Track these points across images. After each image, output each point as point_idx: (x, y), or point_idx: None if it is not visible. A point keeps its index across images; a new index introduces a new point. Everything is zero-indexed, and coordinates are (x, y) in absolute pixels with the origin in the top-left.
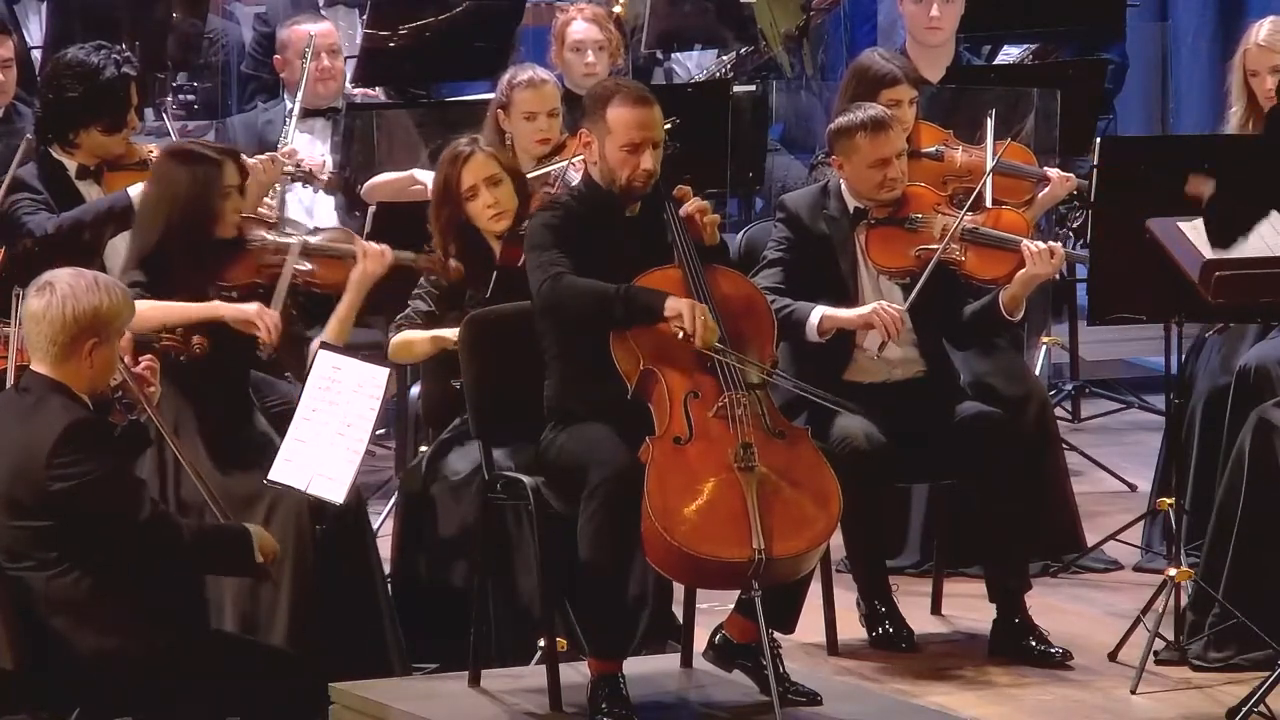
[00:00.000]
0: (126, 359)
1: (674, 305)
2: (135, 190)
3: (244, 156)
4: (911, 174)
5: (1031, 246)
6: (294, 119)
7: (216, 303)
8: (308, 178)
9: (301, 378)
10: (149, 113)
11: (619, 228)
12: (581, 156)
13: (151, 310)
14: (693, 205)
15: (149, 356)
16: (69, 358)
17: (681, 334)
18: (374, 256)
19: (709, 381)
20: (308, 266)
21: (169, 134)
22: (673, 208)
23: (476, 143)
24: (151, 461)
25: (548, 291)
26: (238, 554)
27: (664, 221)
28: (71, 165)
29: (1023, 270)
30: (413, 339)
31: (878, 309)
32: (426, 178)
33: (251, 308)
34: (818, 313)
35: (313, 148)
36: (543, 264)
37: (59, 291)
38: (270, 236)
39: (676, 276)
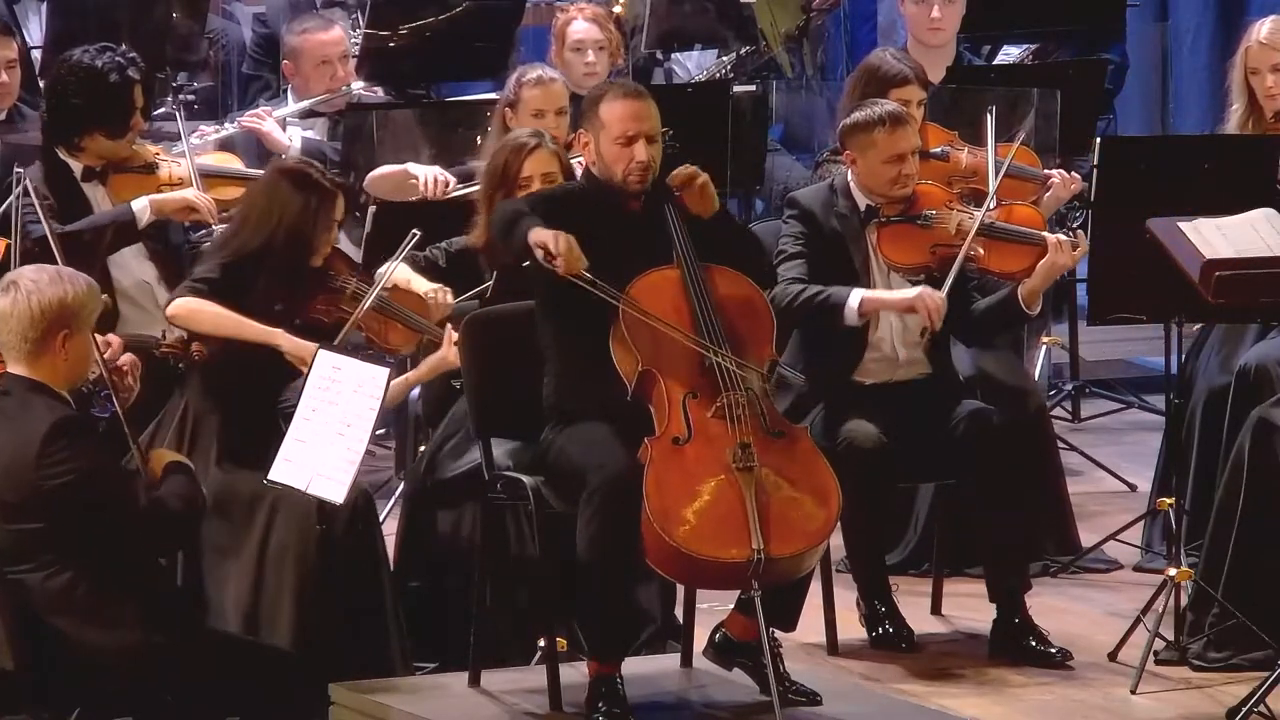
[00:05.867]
0: (107, 354)
1: (538, 234)
2: (139, 204)
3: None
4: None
5: (1053, 237)
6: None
7: (280, 331)
8: None
9: None
10: (159, 114)
11: (619, 223)
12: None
13: (214, 314)
14: (681, 176)
15: (129, 354)
16: (43, 353)
17: (547, 260)
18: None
19: (707, 382)
20: (376, 323)
21: (179, 135)
22: (673, 210)
23: (543, 138)
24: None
25: (496, 209)
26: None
27: (664, 220)
28: (77, 167)
29: (1043, 260)
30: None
31: (923, 293)
32: (420, 171)
33: (311, 347)
34: (857, 295)
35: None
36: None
37: (23, 288)
38: (354, 282)
39: (674, 276)
